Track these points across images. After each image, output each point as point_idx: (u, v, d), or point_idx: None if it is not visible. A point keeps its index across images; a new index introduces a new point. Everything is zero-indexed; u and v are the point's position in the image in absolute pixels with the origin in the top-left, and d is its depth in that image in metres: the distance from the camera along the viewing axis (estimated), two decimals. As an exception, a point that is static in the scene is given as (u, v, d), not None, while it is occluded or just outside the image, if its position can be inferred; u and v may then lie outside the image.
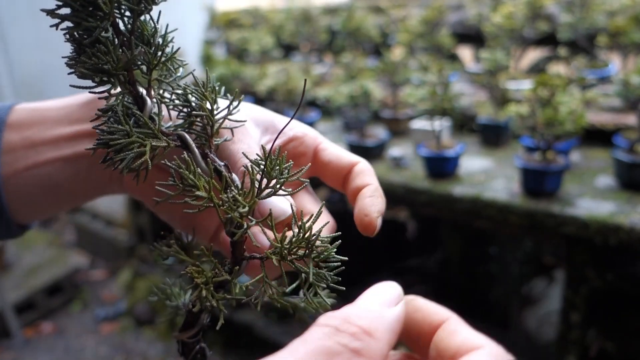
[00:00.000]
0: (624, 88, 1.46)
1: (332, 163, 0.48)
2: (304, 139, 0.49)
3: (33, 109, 0.47)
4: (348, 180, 0.47)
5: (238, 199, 0.37)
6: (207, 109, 0.39)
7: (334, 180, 0.49)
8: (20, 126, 0.46)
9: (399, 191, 1.63)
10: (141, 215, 3.16)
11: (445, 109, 1.62)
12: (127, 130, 0.36)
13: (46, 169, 0.45)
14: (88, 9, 0.33)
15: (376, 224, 0.43)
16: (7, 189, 0.45)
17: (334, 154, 0.48)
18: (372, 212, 0.43)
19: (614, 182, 1.49)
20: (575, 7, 2.11)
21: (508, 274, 2.11)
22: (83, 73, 0.35)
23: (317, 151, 0.49)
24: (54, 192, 0.47)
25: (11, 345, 2.85)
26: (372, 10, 3.16)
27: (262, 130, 0.48)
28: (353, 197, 0.46)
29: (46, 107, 0.47)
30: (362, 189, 0.45)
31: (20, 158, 0.45)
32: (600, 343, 1.49)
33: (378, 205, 0.44)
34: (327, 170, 0.48)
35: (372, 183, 0.46)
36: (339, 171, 0.48)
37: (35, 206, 0.48)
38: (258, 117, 0.48)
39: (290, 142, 0.49)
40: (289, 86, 2.09)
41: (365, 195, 0.44)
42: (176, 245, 0.44)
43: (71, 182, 0.46)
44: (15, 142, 0.45)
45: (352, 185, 0.46)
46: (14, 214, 0.47)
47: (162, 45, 0.38)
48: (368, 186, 0.45)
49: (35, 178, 0.45)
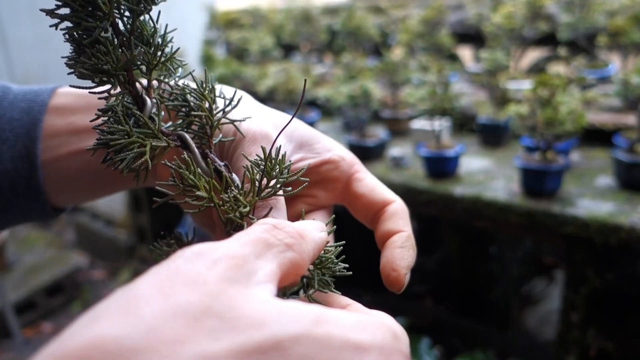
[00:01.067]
0: (624, 88, 1.46)
1: (365, 197, 0.45)
2: (340, 164, 0.46)
3: (78, 95, 0.47)
4: (379, 220, 0.44)
5: (239, 198, 0.37)
6: (206, 109, 0.39)
7: (363, 216, 0.46)
8: (65, 111, 0.46)
9: (399, 191, 1.62)
10: (141, 215, 3.16)
11: (445, 109, 1.62)
12: (127, 131, 0.36)
13: (87, 156, 0.45)
14: (87, 9, 0.33)
15: (404, 282, 0.40)
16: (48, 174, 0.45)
17: (369, 186, 0.45)
18: (401, 267, 0.40)
19: (614, 182, 1.49)
20: (575, 7, 2.11)
21: (508, 274, 2.11)
22: (83, 73, 0.35)
23: (351, 180, 0.46)
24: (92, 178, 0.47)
25: (11, 345, 2.85)
26: (372, 10, 3.16)
27: (295, 146, 0.45)
28: (382, 241, 0.43)
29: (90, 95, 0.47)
30: (393, 234, 0.42)
31: (63, 143, 0.45)
32: (600, 343, 1.49)
33: (408, 259, 0.41)
34: (358, 203, 0.45)
35: (404, 230, 0.43)
36: (371, 207, 0.45)
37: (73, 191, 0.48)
38: (294, 131, 0.45)
39: (324, 164, 0.45)
40: (289, 86, 2.09)
41: (396, 245, 0.42)
42: (176, 245, 0.44)
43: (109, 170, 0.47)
44: (59, 127, 0.45)
45: (383, 227, 0.43)
46: (51, 197, 0.47)
47: (162, 45, 0.38)
48: (400, 234, 0.43)
49: (76, 164, 0.45)
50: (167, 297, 0.24)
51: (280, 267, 0.30)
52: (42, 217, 0.48)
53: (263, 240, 0.30)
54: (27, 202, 0.46)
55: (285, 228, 0.32)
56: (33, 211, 0.47)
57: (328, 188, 0.47)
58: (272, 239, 0.31)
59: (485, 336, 1.99)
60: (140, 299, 0.24)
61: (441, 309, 2.24)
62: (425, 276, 2.42)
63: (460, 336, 2.03)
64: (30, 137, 0.44)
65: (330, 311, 0.28)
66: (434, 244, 2.44)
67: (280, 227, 0.32)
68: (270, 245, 0.30)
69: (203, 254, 0.27)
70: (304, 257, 0.32)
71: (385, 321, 0.30)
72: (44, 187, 0.46)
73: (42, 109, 0.45)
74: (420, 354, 1.86)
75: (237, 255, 0.28)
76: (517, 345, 1.95)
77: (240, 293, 0.26)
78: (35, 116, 0.45)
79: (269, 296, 0.27)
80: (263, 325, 0.25)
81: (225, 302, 0.25)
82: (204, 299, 0.24)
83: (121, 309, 0.24)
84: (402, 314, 2.08)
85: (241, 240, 0.30)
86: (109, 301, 0.25)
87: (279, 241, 0.31)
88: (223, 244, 0.29)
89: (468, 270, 2.17)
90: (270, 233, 0.31)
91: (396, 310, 2.15)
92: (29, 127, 0.45)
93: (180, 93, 0.40)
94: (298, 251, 0.31)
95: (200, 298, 0.24)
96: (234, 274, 0.27)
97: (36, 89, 0.47)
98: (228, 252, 0.28)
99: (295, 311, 0.26)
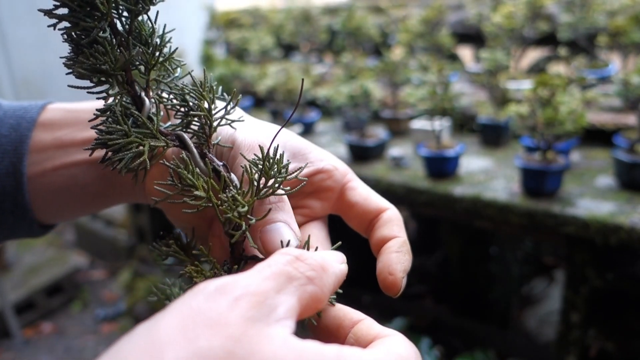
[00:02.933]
0: (624, 88, 1.45)
1: (359, 205, 0.45)
2: (333, 174, 0.46)
3: (68, 110, 0.47)
4: (373, 228, 0.45)
5: (237, 198, 0.37)
6: (205, 109, 0.39)
7: (358, 224, 0.46)
8: (53, 126, 0.46)
9: (399, 191, 1.63)
10: (141, 216, 3.16)
11: (445, 109, 1.62)
12: (126, 130, 0.36)
13: (73, 170, 0.45)
14: (86, 9, 0.33)
15: (401, 285, 0.41)
16: (33, 189, 0.45)
17: (362, 195, 0.46)
18: (397, 271, 0.41)
19: (614, 182, 1.49)
20: (575, 7, 2.11)
21: (508, 274, 2.10)
22: (81, 73, 0.35)
23: (344, 189, 0.46)
24: (79, 194, 0.47)
25: (11, 345, 2.85)
26: (372, 10, 3.16)
27: (288, 156, 0.45)
28: (377, 247, 0.43)
29: (81, 109, 0.47)
30: (388, 240, 0.43)
31: (49, 158, 0.45)
32: (600, 343, 1.49)
33: (404, 263, 0.42)
34: (352, 211, 0.46)
35: (399, 235, 0.43)
36: (365, 215, 0.45)
37: (60, 207, 0.48)
38: (287, 142, 0.45)
39: (317, 173, 0.46)
40: (289, 86, 2.09)
41: (391, 250, 0.42)
42: (175, 246, 0.44)
43: (97, 185, 0.46)
44: (46, 142, 0.45)
45: (378, 234, 0.44)
46: (38, 214, 0.47)
47: (160, 45, 0.38)
48: (395, 239, 0.43)
49: (61, 178, 0.45)
50: (189, 341, 0.24)
51: (300, 301, 0.30)
52: (30, 233, 0.48)
53: (285, 273, 0.30)
54: (14, 219, 0.46)
55: (308, 260, 0.32)
56: (20, 228, 0.47)
57: (322, 198, 0.47)
58: (294, 271, 0.31)
59: (485, 336, 1.98)
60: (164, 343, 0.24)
61: (441, 309, 2.24)
62: (425, 276, 2.42)
63: (460, 336, 2.03)
64: (17, 154, 0.45)
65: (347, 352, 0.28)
66: (434, 244, 2.44)
67: (302, 259, 0.32)
68: (292, 278, 0.30)
69: (225, 291, 0.27)
70: (325, 290, 0.32)
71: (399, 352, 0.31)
72: (30, 204, 0.46)
73: (30, 126, 0.46)
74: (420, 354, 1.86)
75: (258, 292, 0.28)
76: (517, 345, 1.95)
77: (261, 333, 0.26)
78: (23, 133, 0.45)
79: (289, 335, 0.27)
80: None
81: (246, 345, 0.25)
82: (225, 344, 0.25)
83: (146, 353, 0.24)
84: (402, 314, 2.08)
85: (263, 273, 0.30)
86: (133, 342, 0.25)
87: (301, 274, 0.31)
88: (245, 279, 0.29)
89: (468, 271, 2.16)
90: (292, 265, 0.31)
91: (396, 310, 2.15)
92: (17, 143, 0.45)
93: (179, 93, 0.40)
94: (319, 285, 0.31)
95: (222, 343, 0.25)
96: (256, 313, 0.27)
97: (26, 106, 0.47)
98: (250, 289, 0.28)
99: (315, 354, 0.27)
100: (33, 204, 0.46)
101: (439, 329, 2.07)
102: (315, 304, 0.32)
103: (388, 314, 2.12)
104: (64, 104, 0.48)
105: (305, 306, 0.31)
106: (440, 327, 2.08)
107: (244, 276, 0.29)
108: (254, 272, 0.30)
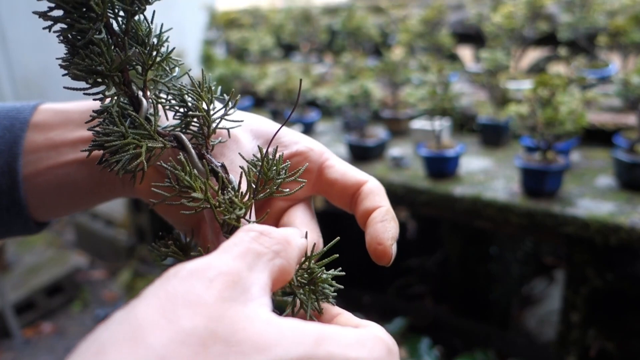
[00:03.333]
0: (624, 88, 1.45)
1: (338, 182, 0.45)
2: (309, 155, 0.46)
3: (58, 111, 0.48)
4: (356, 202, 0.45)
5: (234, 200, 0.37)
6: (203, 110, 0.39)
7: (340, 201, 0.46)
8: (45, 127, 0.47)
9: (399, 191, 1.63)
10: (141, 216, 3.16)
11: (445, 109, 1.62)
12: (123, 132, 0.36)
13: (65, 169, 0.46)
14: (81, 11, 0.33)
15: (391, 253, 0.41)
16: (28, 188, 0.47)
17: (340, 171, 0.46)
18: (386, 240, 0.41)
19: (614, 182, 1.48)
20: (575, 7, 2.11)
21: (508, 274, 2.10)
22: (76, 75, 0.35)
23: (322, 168, 0.46)
24: (72, 192, 0.48)
25: (11, 345, 2.85)
26: (372, 10, 3.16)
27: (262, 142, 0.46)
28: (363, 220, 0.43)
29: (71, 110, 0.48)
30: (372, 212, 0.43)
31: (43, 158, 0.46)
32: (600, 343, 1.49)
33: (391, 230, 0.41)
34: (333, 189, 0.46)
35: (382, 205, 0.43)
36: (346, 191, 0.45)
37: (54, 205, 0.49)
38: (259, 128, 0.46)
39: (293, 157, 0.46)
40: (289, 86, 2.09)
41: (377, 220, 0.42)
42: (174, 246, 0.44)
43: (87, 183, 0.47)
44: (39, 143, 0.46)
45: (361, 207, 0.44)
46: (33, 212, 0.48)
47: (157, 45, 0.38)
48: (379, 209, 0.43)
49: (55, 178, 0.46)
50: (171, 322, 0.24)
51: (271, 276, 0.31)
52: (25, 231, 0.49)
53: (253, 250, 0.31)
54: (10, 216, 0.47)
55: (272, 234, 0.33)
56: (16, 225, 0.48)
57: None
58: (261, 247, 0.31)
59: (485, 336, 1.98)
60: (146, 326, 0.24)
61: (441, 309, 2.24)
62: (425, 276, 2.42)
63: (460, 336, 2.03)
64: (12, 154, 0.46)
65: (329, 329, 0.28)
66: (434, 244, 2.44)
67: (266, 233, 0.32)
68: (259, 254, 0.31)
69: (198, 273, 0.27)
70: (291, 262, 0.33)
71: (380, 336, 0.31)
72: (26, 202, 0.47)
73: (24, 126, 0.46)
74: (420, 354, 1.86)
75: (231, 271, 0.28)
76: (517, 345, 1.95)
77: (240, 314, 0.26)
78: (17, 133, 0.46)
79: (268, 313, 0.28)
80: (267, 349, 0.25)
81: (228, 325, 0.25)
82: (208, 323, 0.25)
83: (128, 339, 0.23)
84: (402, 314, 2.07)
85: (232, 252, 0.30)
86: (112, 329, 0.24)
87: (268, 249, 0.31)
88: (215, 260, 0.29)
89: (468, 271, 2.16)
90: (258, 241, 0.31)
91: (396, 310, 2.15)
92: (11, 144, 0.46)
93: (178, 93, 0.40)
94: (286, 257, 0.32)
95: (205, 322, 0.25)
96: (231, 293, 0.27)
97: (18, 106, 0.48)
98: (222, 269, 0.28)
99: (297, 332, 0.27)
100: (28, 202, 0.47)
101: (439, 329, 2.06)
102: (284, 277, 0.32)
103: (388, 314, 2.12)
104: (55, 104, 0.48)
105: (275, 280, 0.31)
106: (440, 327, 2.08)
107: (214, 257, 0.29)
108: (222, 252, 0.30)
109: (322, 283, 0.39)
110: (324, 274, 0.39)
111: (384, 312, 2.15)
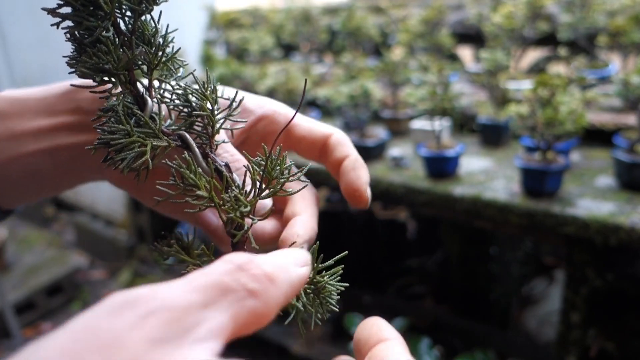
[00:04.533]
0: (624, 88, 1.46)
1: (306, 137, 0.48)
2: (274, 117, 0.48)
3: (14, 99, 0.46)
4: (325, 154, 0.47)
5: (240, 198, 0.37)
6: (207, 109, 0.40)
7: (310, 154, 0.49)
8: (3, 117, 0.45)
9: (399, 191, 1.63)
10: (141, 215, 3.16)
11: (445, 109, 1.62)
12: (128, 130, 0.36)
13: (28, 159, 0.45)
14: (89, 9, 0.33)
15: (367, 196, 0.44)
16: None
17: (306, 128, 0.48)
18: (360, 185, 0.44)
19: (614, 182, 1.49)
20: (575, 7, 2.11)
21: (508, 274, 2.11)
22: (84, 73, 0.35)
23: (289, 128, 0.48)
24: (37, 181, 0.47)
25: (11, 345, 2.85)
26: (372, 10, 3.16)
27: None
28: (334, 170, 0.46)
29: (27, 97, 0.46)
30: (342, 161, 0.46)
31: (4, 149, 0.45)
32: (600, 343, 1.49)
33: (363, 176, 0.45)
34: (302, 145, 0.49)
35: (350, 154, 0.46)
36: (313, 145, 0.48)
37: (19, 194, 0.48)
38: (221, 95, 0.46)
39: (259, 121, 0.48)
40: (289, 86, 2.09)
41: (349, 169, 0.45)
42: (177, 245, 0.44)
43: (53, 173, 0.47)
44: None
45: (331, 159, 0.47)
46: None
47: (163, 45, 0.38)
48: (348, 158, 0.46)
49: (18, 168, 0.45)
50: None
51: (234, 318, 0.26)
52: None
53: (219, 285, 0.26)
54: None
55: (252, 270, 0.27)
56: None
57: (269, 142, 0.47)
58: (232, 283, 0.26)
59: (485, 336, 1.99)
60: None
61: (441, 309, 2.24)
62: (425, 276, 2.42)
63: (460, 336, 2.03)
64: None
65: None
66: (434, 244, 2.44)
67: (246, 268, 0.27)
68: (227, 291, 0.26)
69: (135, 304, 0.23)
70: (271, 304, 0.27)
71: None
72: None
73: None
74: (420, 354, 1.86)
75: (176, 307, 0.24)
76: (517, 345, 1.95)
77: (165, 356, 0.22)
78: None
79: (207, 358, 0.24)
80: None
81: None
82: None
83: None
84: (402, 314, 2.08)
85: (193, 284, 0.25)
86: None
87: (240, 287, 0.26)
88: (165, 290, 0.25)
89: (468, 271, 2.17)
90: (232, 276, 0.26)
91: (396, 310, 2.16)
92: None
93: (182, 93, 0.40)
94: (263, 299, 0.27)
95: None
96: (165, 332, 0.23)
97: None
98: (165, 302, 0.24)
99: None
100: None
101: (439, 329, 2.07)
102: (257, 320, 0.27)
103: (388, 314, 2.12)
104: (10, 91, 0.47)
105: (242, 324, 0.26)
106: (440, 327, 2.08)
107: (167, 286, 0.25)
108: (184, 281, 0.26)
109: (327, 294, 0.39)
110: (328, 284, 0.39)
111: (384, 312, 2.15)
